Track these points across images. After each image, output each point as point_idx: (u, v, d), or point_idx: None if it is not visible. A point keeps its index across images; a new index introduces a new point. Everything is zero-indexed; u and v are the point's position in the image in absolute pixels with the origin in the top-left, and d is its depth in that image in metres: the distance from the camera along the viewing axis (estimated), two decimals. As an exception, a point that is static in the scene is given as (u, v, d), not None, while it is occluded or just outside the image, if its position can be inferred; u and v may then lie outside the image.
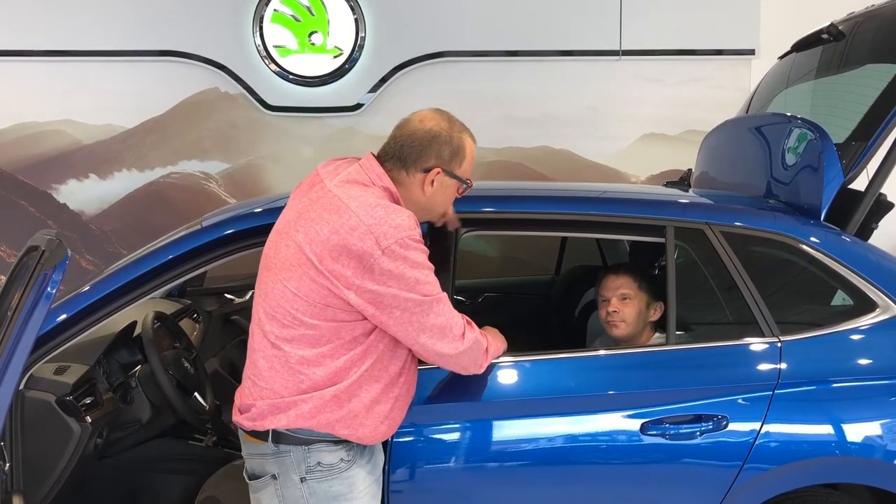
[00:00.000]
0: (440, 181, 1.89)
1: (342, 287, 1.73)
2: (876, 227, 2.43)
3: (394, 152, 1.89)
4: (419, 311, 1.77)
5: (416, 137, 1.88)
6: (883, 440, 2.17)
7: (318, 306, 1.76)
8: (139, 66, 4.74)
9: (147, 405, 2.62)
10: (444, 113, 1.94)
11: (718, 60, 4.84)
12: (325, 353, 1.78)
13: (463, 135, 1.92)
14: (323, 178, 1.89)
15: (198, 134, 4.84)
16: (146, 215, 4.81)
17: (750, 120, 3.11)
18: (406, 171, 1.88)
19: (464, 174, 1.93)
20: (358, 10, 4.69)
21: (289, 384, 1.80)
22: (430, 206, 1.93)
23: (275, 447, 1.82)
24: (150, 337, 2.59)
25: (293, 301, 1.77)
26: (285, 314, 1.78)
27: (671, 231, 2.29)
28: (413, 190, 1.89)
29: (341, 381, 1.79)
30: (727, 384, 2.16)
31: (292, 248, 1.79)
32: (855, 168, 2.37)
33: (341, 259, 1.72)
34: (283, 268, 1.79)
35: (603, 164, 4.90)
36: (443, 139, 1.88)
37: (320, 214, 1.77)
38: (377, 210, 1.74)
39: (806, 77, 2.93)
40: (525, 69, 4.86)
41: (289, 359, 1.79)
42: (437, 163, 1.87)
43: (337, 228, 1.73)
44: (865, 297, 2.24)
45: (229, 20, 4.69)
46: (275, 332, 1.80)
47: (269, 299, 1.82)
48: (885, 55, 2.54)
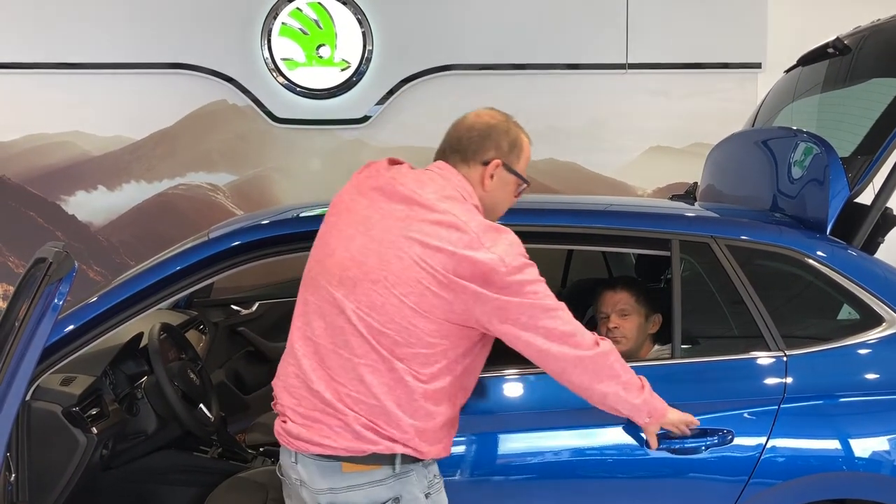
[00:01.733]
0: (499, 175, 1.87)
1: (466, 306, 1.71)
2: (882, 241, 2.42)
3: (453, 147, 1.89)
4: (545, 315, 1.75)
5: (475, 129, 1.87)
6: (890, 455, 2.16)
7: (437, 322, 1.72)
8: (148, 79, 4.78)
9: (153, 416, 2.63)
10: (501, 112, 1.94)
11: (725, 74, 4.85)
12: (435, 373, 1.75)
13: (520, 130, 1.92)
14: (407, 185, 1.81)
15: (206, 146, 4.87)
16: (154, 226, 4.83)
17: (756, 133, 3.11)
18: (466, 164, 1.87)
19: (521, 170, 1.91)
20: (365, 24, 4.72)
21: (404, 402, 1.73)
22: (492, 204, 1.90)
23: (396, 469, 1.75)
24: (156, 348, 2.60)
25: (412, 317, 1.71)
26: (400, 330, 1.72)
27: (676, 244, 2.29)
28: (476, 187, 1.86)
29: (446, 399, 1.78)
30: (732, 398, 2.15)
31: (407, 262, 1.72)
32: (861, 182, 2.36)
33: (464, 276, 1.69)
34: (399, 282, 1.72)
35: (609, 176, 4.90)
36: (501, 129, 1.87)
37: (436, 231, 1.73)
38: (491, 232, 1.73)
39: (812, 91, 2.94)
40: (531, 82, 4.87)
41: (403, 376, 1.72)
42: (496, 154, 1.86)
43: (461, 246, 1.70)
44: (872, 311, 2.23)
45: (238, 33, 4.72)
46: (387, 349, 1.73)
47: (381, 313, 1.72)
48: (890, 69, 2.54)
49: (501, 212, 1.94)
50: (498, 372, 2.14)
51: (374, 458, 1.72)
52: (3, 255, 4.84)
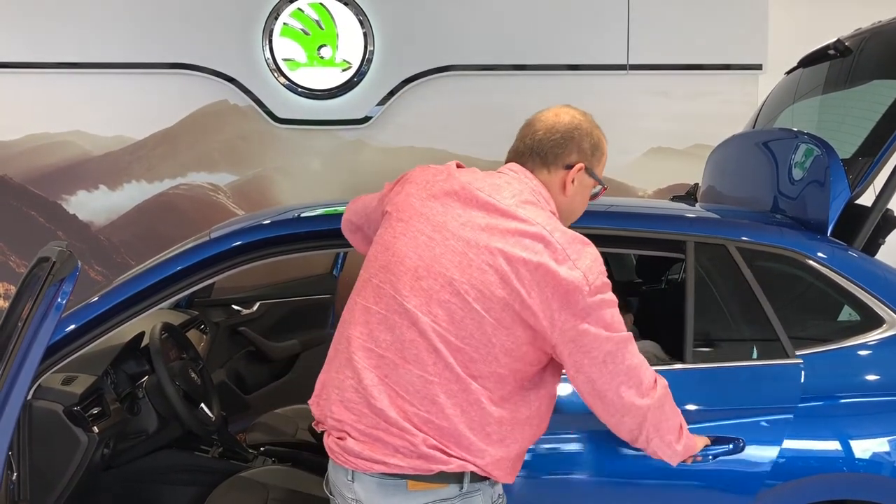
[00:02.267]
0: (580, 180, 1.75)
1: (545, 323, 1.58)
2: (883, 243, 2.43)
3: (532, 150, 1.74)
4: (617, 350, 1.62)
5: (556, 130, 1.73)
6: (891, 456, 2.16)
7: (517, 340, 1.60)
8: (149, 79, 4.78)
9: (154, 416, 2.63)
10: (583, 111, 1.81)
11: (726, 75, 4.86)
12: (508, 396, 1.64)
13: (600, 131, 1.79)
14: (482, 190, 1.68)
15: (207, 146, 4.88)
16: (155, 226, 4.84)
17: (757, 135, 3.11)
18: (547, 169, 1.74)
19: (600, 175, 1.79)
20: (367, 24, 4.72)
21: (476, 426, 1.61)
22: (570, 210, 1.79)
23: (463, 488, 1.64)
24: (157, 348, 2.60)
25: (493, 334, 1.59)
26: (479, 346, 1.60)
27: (691, 246, 2.27)
28: (555, 192, 1.75)
29: (519, 426, 1.67)
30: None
31: (490, 275, 1.59)
32: (862, 183, 2.36)
33: (546, 292, 1.57)
34: (482, 296, 1.59)
35: (610, 177, 4.88)
36: (584, 131, 1.74)
37: (520, 241, 1.60)
38: (576, 244, 1.61)
39: (813, 92, 2.94)
40: (532, 83, 4.88)
41: (479, 397, 1.60)
42: (579, 158, 1.73)
43: (546, 258, 1.57)
44: (872, 312, 2.23)
45: (239, 33, 4.73)
46: (463, 366, 1.60)
47: (460, 327, 1.60)
48: (891, 71, 2.55)
49: (576, 217, 1.83)
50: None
51: (442, 477, 1.61)
52: (4, 254, 4.85)
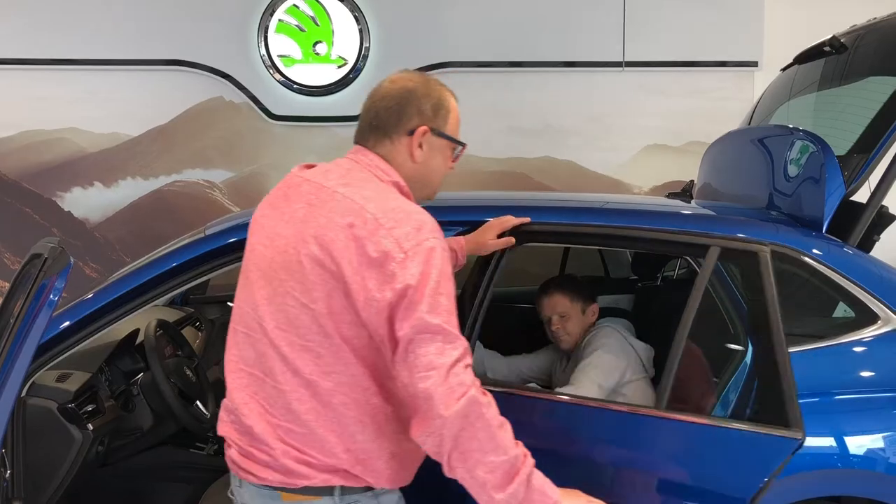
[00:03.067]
0: (429, 142, 1.67)
1: (362, 300, 1.48)
2: (878, 240, 2.42)
3: (371, 124, 1.67)
4: (446, 309, 1.48)
5: (391, 98, 1.65)
6: (885, 453, 2.16)
7: (354, 327, 1.52)
8: (144, 75, 4.77)
9: (149, 413, 2.63)
10: (418, 72, 1.75)
11: (722, 72, 4.86)
12: (364, 392, 1.55)
13: (442, 89, 1.71)
14: (312, 180, 1.63)
15: (202, 142, 4.87)
16: (150, 223, 4.83)
17: (752, 132, 3.11)
18: (389, 139, 1.65)
19: (453, 132, 1.71)
20: (362, 21, 4.71)
21: (335, 427, 1.54)
22: (425, 176, 1.70)
23: (336, 500, 1.56)
24: (152, 345, 2.59)
25: (327, 324, 1.51)
26: (321, 342, 1.52)
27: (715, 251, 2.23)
28: (402, 160, 1.66)
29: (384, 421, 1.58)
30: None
31: (308, 264, 1.52)
32: (857, 180, 2.36)
33: (359, 266, 1.48)
34: (306, 289, 1.52)
35: (606, 174, 4.91)
36: (421, 93, 1.66)
37: (331, 219, 1.52)
38: (397, 212, 1.51)
39: (808, 89, 2.94)
40: (529, 80, 4.88)
41: (330, 399, 1.53)
42: (420, 120, 1.65)
43: (354, 233, 1.49)
44: (867, 309, 2.23)
45: (234, 30, 4.72)
46: (310, 366, 1.53)
47: (297, 325, 1.53)
48: (887, 68, 2.54)
49: (438, 182, 1.75)
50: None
51: (311, 490, 1.56)
52: (-2, 251, 4.84)
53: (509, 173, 4.84)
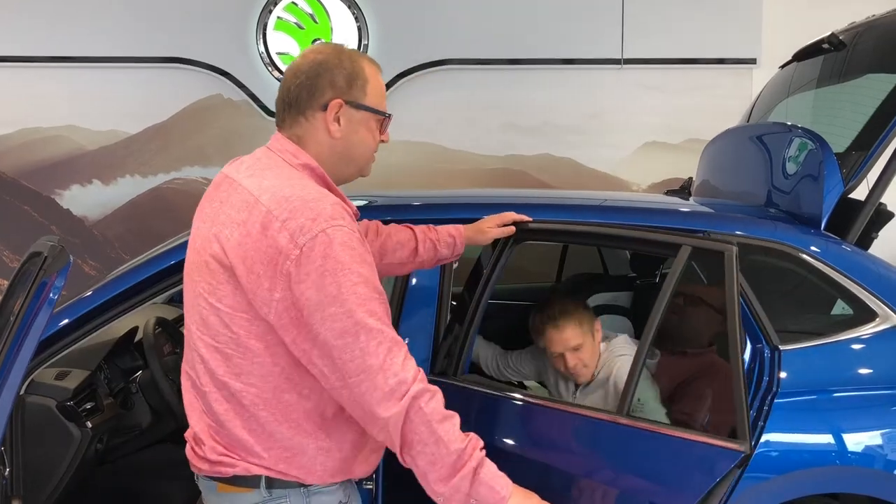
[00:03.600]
0: (346, 116, 1.56)
1: (259, 299, 1.42)
2: (876, 237, 2.43)
3: (285, 103, 1.57)
4: (345, 334, 1.39)
5: (301, 73, 1.56)
6: (883, 450, 2.16)
7: (257, 327, 1.45)
8: (143, 73, 4.77)
9: (147, 411, 2.63)
10: (330, 43, 1.68)
11: (720, 69, 4.86)
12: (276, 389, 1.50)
13: (357, 59, 1.60)
14: (228, 174, 1.58)
15: (201, 140, 4.87)
16: (149, 221, 4.83)
17: (751, 129, 3.11)
18: (304, 115, 1.55)
19: (375, 104, 1.59)
20: (361, 18, 4.71)
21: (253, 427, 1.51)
22: (347, 151, 1.59)
23: (263, 493, 1.52)
24: (151, 342, 2.59)
25: (232, 323, 1.46)
26: (229, 342, 1.47)
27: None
28: (320, 138, 1.56)
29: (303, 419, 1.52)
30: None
31: (213, 264, 1.47)
32: (855, 177, 2.36)
33: (256, 268, 1.40)
34: (212, 289, 1.48)
35: (605, 172, 4.91)
36: (332, 64, 1.55)
37: (230, 215, 1.47)
38: (292, 201, 1.42)
39: (807, 86, 2.94)
40: (528, 77, 4.88)
41: (240, 399, 1.48)
42: (333, 93, 1.55)
43: (248, 230, 1.42)
44: (865, 306, 2.23)
45: (233, 27, 4.72)
46: (222, 366, 1.49)
47: (209, 326, 1.50)
48: (885, 65, 2.55)
49: (365, 157, 1.64)
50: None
51: (241, 481, 1.52)
52: (-3, 249, 4.84)
53: (508, 171, 4.84)
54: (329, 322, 1.38)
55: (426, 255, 2.07)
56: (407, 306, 2.24)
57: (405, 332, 2.21)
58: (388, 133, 1.66)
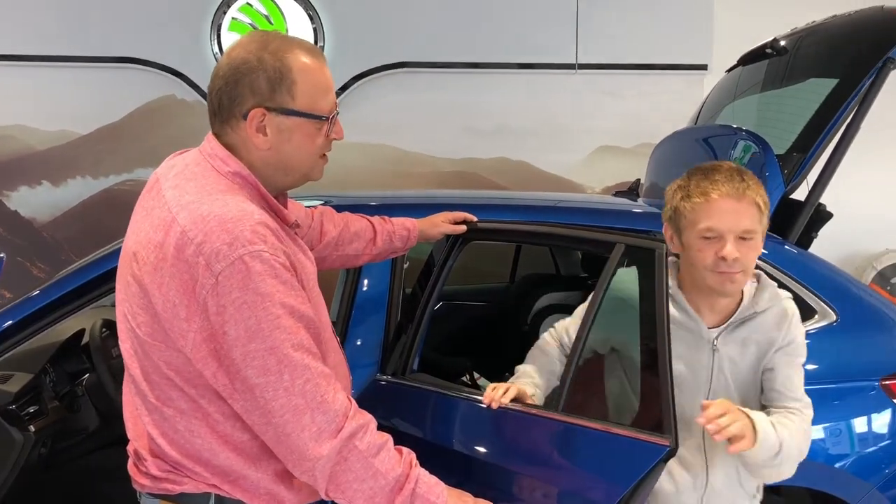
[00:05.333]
0: (273, 124, 1.38)
1: (177, 334, 1.30)
2: (816, 236, 2.49)
3: (211, 109, 1.42)
4: (267, 372, 1.27)
5: (220, 77, 1.38)
6: (825, 444, 2.22)
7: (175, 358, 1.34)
8: (95, 73, 4.69)
9: (95, 414, 2.59)
10: (263, 32, 1.43)
11: (672, 75, 4.94)
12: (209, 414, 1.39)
13: (284, 54, 1.37)
14: (159, 178, 1.43)
15: (154, 141, 4.80)
16: (100, 223, 4.75)
17: (698, 131, 3.17)
18: (229, 125, 1.39)
19: (308, 107, 1.39)
20: (317, 20, 4.70)
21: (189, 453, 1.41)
22: (282, 161, 1.41)
23: None
24: (98, 345, 2.55)
25: (152, 352, 1.35)
26: (146, 366, 1.37)
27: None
28: (250, 149, 1.39)
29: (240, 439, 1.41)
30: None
31: (131, 286, 1.35)
32: (796, 179, 2.42)
33: (171, 295, 1.28)
34: (133, 313, 1.35)
35: (559, 175, 4.96)
36: (252, 66, 1.35)
37: (148, 235, 1.33)
38: (209, 220, 1.27)
39: (752, 90, 3.00)
40: (484, 81, 4.91)
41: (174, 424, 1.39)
42: (255, 100, 1.36)
43: (164, 253, 1.28)
44: (805, 304, 2.29)
45: (187, 28, 4.67)
46: (154, 393, 1.39)
47: (132, 352, 1.40)
48: (824, 69, 2.62)
49: (305, 164, 1.45)
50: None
51: (186, 498, 1.42)
52: (-59, 252, 4.72)
53: (464, 174, 4.86)
54: (250, 359, 1.27)
55: (382, 246, 2.04)
56: (357, 306, 2.24)
57: (355, 333, 2.21)
58: (340, 128, 1.47)
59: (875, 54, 2.36)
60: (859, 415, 2.24)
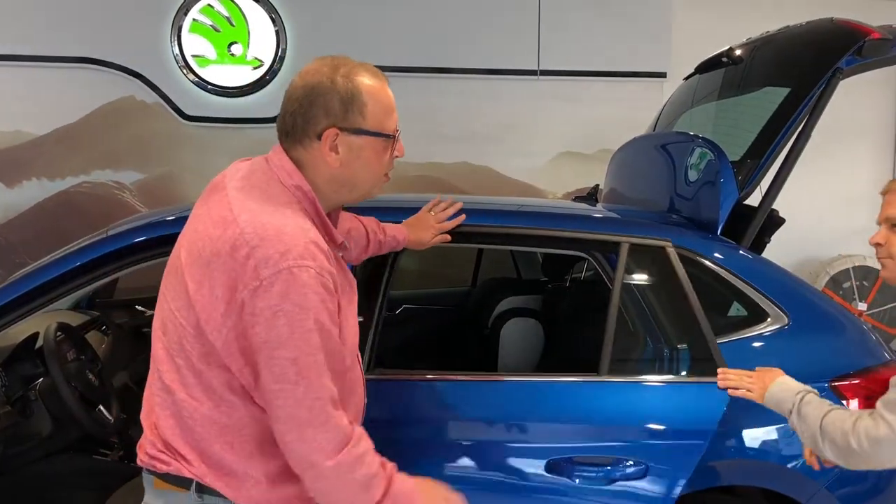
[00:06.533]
0: (345, 143, 1.47)
1: (213, 327, 1.38)
2: (769, 241, 2.54)
3: (281, 129, 1.51)
4: (283, 380, 1.34)
5: (295, 99, 1.47)
6: (778, 444, 2.27)
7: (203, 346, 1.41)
8: (51, 72, 4.61)
9: (48, 418, 2.53)
10: (331, 57, 1.51)
11: (632, 82, 5.02)
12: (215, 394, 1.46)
13: (355, 77, 1.47)
14: (226, 178, 1.53)
15: (112, 143, 4.73)
16: (56, 225, 4.66)
17: (656, 138, 3.22)
18: (301, 144, 1.48)
19: (377, 126, 1.49)
20: (279, 22, 4.68)
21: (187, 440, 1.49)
22: (350, 178, 1.51)
23: (193, 497, 1.48)
24: (52, 348, 2.51)
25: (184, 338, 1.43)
26: (178, 353, 1.44)
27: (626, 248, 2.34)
28: (320, 167, 1.49)
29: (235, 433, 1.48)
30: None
31: (179, 272, 1.44)
32: (749, 185, 2.47)
33: (217, 290, 1.36)
34: (176, 297, 1.44)
35: (521, 180, 4.99)
36: (325, 88, 1.45)
37: (207, 229, 1.41)
38: (267, 228, 1.36)
39: (709, 97, 3.06)
40: (447, 86, 4.93)
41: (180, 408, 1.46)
42: (328, 121, 1.45)
43: (218, 248, 1.37)
44: (758, 307, 2.34)
45: (146, 28, 4.61)
46: (169, 376, 1.46)
47: (169, 332, 1.46)
48: (777, 78, 2.68)
49: (370, 181, 1.54)
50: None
51: (172, 479, 1.49)
52: None
53: (427, 178, 4.88)
54: (272, 364, 1.34)
55: (369, 254, 2.05)
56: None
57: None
58: (402, 147, 1.57)
59: (825, 64, 2.42)
60: (811, 416, 2.28)
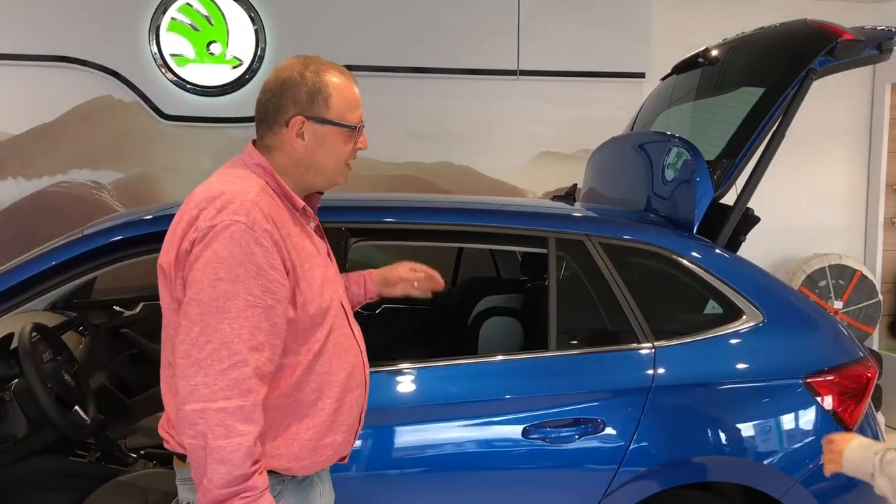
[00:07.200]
0: (311, 131, 1.63)
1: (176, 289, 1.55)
2: (744, 240, 2.57)
3: (258, 116, 1.68)
4: (186, 318, 1.48)
5: (269, 90, 1.66)
6: (754, 440, 2.30)
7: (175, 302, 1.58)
8: (28, 71, 4.55)
9: (23, 420, 2.51)
10: (304, 56, 1.70)
11: (611, 83, 5.04)
12: None
13: (322, 73, 1.65)
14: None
15: (90, 142, 4.68)
16: (33, 225, 4.60)
17: (633, 138, 3.25)
18: (272, 130, 1.65)
19: (339, 117, 1.65)
20: (258, 21, 4.66)
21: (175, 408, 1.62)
22: (314, 163, 1.66)
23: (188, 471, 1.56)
24: (26, 349, 2.48)
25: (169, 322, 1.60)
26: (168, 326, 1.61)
27: (553, 242, 2.38)
28: (288, 151, 1.65)
29: None
30: (604, 389, 2.24)
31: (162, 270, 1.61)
32: (725, 184, 2.50)
33: (175, 247, 1.53)
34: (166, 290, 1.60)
35: (501, 180, 5.01)
36: (295, 81, 1.63)
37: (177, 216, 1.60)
38: (214, 191, 1.54)
39: (686, 97, 3.09)
40: (427, 86, 4.92)
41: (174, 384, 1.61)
42: (296, 110, 1.62)
43: (180, 216, 1.55)
44: (733, 305, 2.37)
45: (124, 27, 4.57)
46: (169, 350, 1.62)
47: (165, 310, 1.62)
48: (752, 79, 2.71)
49: (333, 167, 1.69)
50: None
51: (180, 455, 1.64)
52: None
53: (407, 177, 4.87)
54: (186, 305, 1.48)
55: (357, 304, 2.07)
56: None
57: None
58: (365, 140, 1.71)
59: (799, 65, 2.45)
60: (785, 412, 2.32)
